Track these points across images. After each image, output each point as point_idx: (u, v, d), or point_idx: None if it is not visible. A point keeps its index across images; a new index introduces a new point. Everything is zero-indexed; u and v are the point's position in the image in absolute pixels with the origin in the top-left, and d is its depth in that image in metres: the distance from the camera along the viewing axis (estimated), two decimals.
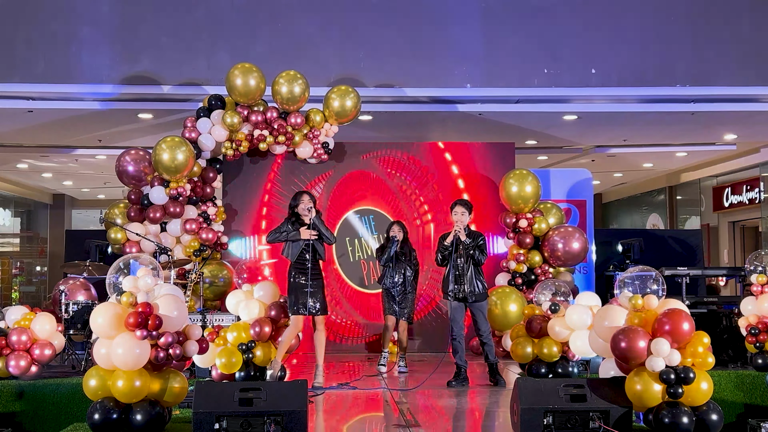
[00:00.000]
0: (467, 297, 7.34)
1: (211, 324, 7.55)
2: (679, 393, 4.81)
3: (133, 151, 9.53)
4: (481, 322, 7.41)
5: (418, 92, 10.09)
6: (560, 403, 4.89)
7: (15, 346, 6.85)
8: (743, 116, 10.90)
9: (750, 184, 14.26)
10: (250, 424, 4.76)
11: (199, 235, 9.45)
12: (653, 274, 5.32)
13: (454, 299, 7.38)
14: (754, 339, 7.06)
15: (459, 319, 7.40)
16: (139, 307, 4.88)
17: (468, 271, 7.36)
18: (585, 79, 10.07)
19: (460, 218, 7.39)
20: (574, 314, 6.89)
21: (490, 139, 11.19)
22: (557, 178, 10.86)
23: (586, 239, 9.76)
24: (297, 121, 9.44)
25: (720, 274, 11.61)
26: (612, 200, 19.97)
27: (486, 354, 7.43)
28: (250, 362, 6.95)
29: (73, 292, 8.93)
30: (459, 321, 7.40)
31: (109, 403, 4.89)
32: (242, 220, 10.12)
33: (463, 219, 7.40)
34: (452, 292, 7.36)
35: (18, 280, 17.68)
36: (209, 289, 9.31)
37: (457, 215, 7.41)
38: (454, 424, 6.01)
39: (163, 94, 9.96)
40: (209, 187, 9.73)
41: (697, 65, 10.11)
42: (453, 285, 7.35)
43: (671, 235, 14.00)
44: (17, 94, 9.90)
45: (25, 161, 14.39)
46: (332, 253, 10.09)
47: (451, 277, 7.36)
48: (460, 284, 7.34)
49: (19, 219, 18.54)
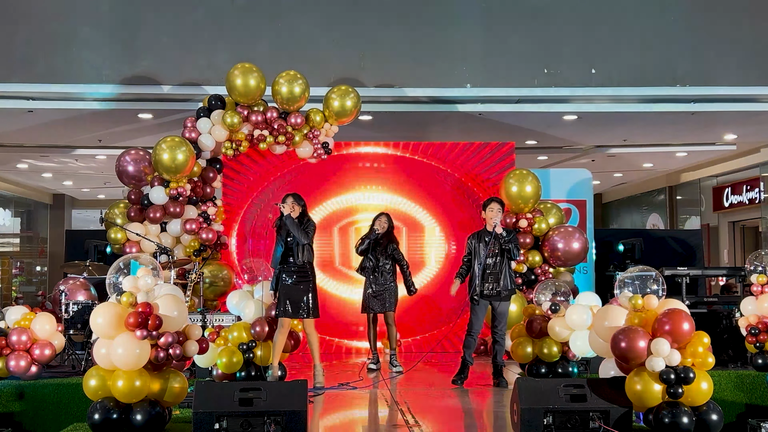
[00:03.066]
0: (499, 293, 7.31)
1: (211, 324, 7.55)
2: (679, 393, 4.82)
3: (133, 151, 9.53)
4: (502, 320, 7.39)
5: (418, 92, 10.09)
6: (560, 403, 4.89)
7: (15, 346, 6.85)
8: (743, 116, 10.89)
9: (750, 184, 14.26)
10: (250, 424, 4.76)
11: (199, 235, 9.45)
12: (653, 274, 5.33)
13: (482, 297, 7.35)
14: (754, 339, 7.07)
15: (482, 316, 7.40)
16: (139, 307, 4.89)
17: (504, 268, 7.36)
18: (585, 79, 10.06)
19: (496, 215, 7.41)
20: (574, 314, 6.89)
21: (490, 139, 11.19)
22: (557, 178, 10.86)
23: (586, 239, 9.76)
24: (297, 121, 9.44)
25: (720, 274, 11.62)
26: (612, 200, 19.97)
27: (495, 353, 7.42)
28: (251, 362, 6.96)
29: (73, 292, 8.92)
30: (481, 318, 7.40)
31: (109, 403, 4.89)
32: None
33: (498, 216, 7.42)
34: (479, 289, 7.31)
35: (18, 280, 17.69)
36: (209, 289, 9.31)
37: (493, 212, 7.42)
38: (454, 424, 6.02)
39: (163, 94, 9.96)
40: (209, 187, 9.73)
41: (697, 65, 10.11)
42: (482, 282, 7.31)
43: (671, 235, 14.00)
44: (17, 94, 9.90)
45: (25, 161, 14.39)
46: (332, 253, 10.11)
47: (480, 275, 7.33)
48: (491, 282, 7.31)
49: (19, 219, 18.54)
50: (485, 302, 7.36)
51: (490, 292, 7.32)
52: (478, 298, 7.32)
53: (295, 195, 7.34)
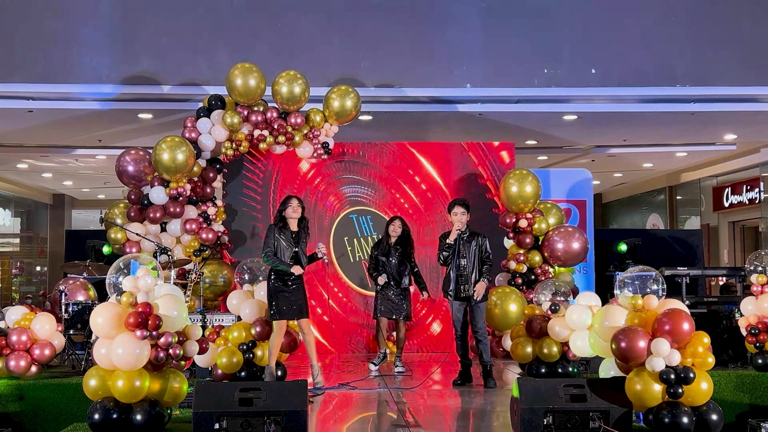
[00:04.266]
0: (471, 297, 7.34)
1: (211, 324, 7.54)
2: (679, 393, 4.82)
3: (133, 151, 9.53)
4: (479, 320, 7.41)
5: (418, 92, 10.09)
6: (560, 403, 4.89)
7: (15, 346, 6.85)
8: (743, 116, 10.89)
9: (750, 184, 14.26)
10: (250, 424, 4.76)
11: (199, 235, 9.45)
12: (653, 274, 5.33)
13: (456, 299, 7.38)
14: (754, 339, 7.06)
15: (462, 318, 7.42)
16: (139, 307, 4.89)
17: (473, 272, 7.36)
18: (585, 79, 10.06)
19: (460, 218, 7.39)
20: (574, 314, 6.89)
21: (490, 139, 11.19)
22: (557, 178, 10.87)
23: (586, 239, 9.76)
24: (297, 121, 9.44)
25: (720, 274, 11.62)
26: (612, 200, 19.97)
27: (480, 353, 7.43)
28: (251, 362, 6.96)
29: (73, 292, 8.92)
30: (462, 320, 7.42)
31: (109, 403, 4.89)
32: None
33: (462, 219, 7.39)
34: (452, 292, 7.36)
35: (18, 280, 17.69)
36: (209, 289, 9.31)
37: (457, 215, 7.40)
38: (454, 424, 6.02)
39: (163, 94, 9.96)
40: (209, 187, 9.73)
41: (697, 65, 10.11)
42: (455, 285, 7.35)
43: (671, 235, 14.00)
44: (17, 94, 9.90)
45: (25, 161, 14.39)
46: (331, 253, 10.10)
47: (453, 277, 7.35)
48: (463, 284, 7.33)
49: (19, 219, 18.54)
50: (462, 303, 7.40)
51: (467, 294, 7.33)
52: (452, 298, 7.36)
53: (298, 198, 7.39)
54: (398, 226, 8.47)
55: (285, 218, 7.25)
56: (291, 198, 7.35)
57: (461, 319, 7.42)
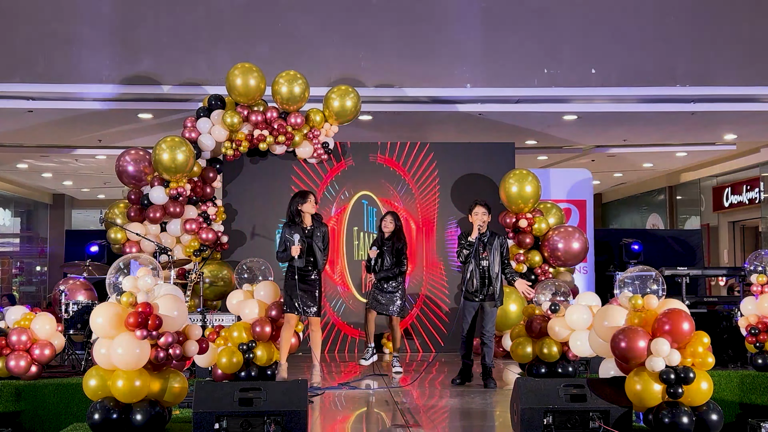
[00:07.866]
0: (492, 297, 7.32)
1: (211, 324, 7.55)
2: (679, 393, 4.81)
3: (133, 151, 9.53)
4: (489, 323, 7.39)
5: (418, 92, 10.10)
6: (560, 403, 4.89)
7: (15, 346, 6.85)
8: (743, 116, 10.90)
9: (750, 184, 14.26)
10: (250, 424, 4.76)
11: (199, 235, 9.45)
12: (653, 274, 5.32)
13: (475, 300, 7.36)
14: (754, 339, 7.06)
15: (471, 320, 7.41)
16: (139, 307, 4.88)
17: (497, 273, 7.35)
18: (585, 79, 10.07)
19: (482, 218, 7.34)
20: (574, 314, 6.88)
21: (490, 139, 11.19)
22: (557, 178, 10.87)
23: (586, 239, 9.76)
24: (297, 121, 9.44)
25: (720, 274, 11.62)
26: (612, 200, 19.97)
27: (484, 355, 7.41)
28: (251, 362, 6.95)
29: (73, 292, 8.92)
30: (471, 322, 7.41)
31: (109, 403, 4.89)
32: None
33: (484, 219, 7.36)
34: (475, 293, 7.32)
35: (18, 280, 17.69)
36: (209, 289, 9.31)
37: (478, 215, 7.34)
38: (454, 424, 6.01)
39: (163, 94, 9.96)
40: (209, 187, 9.73)
41: (697, 65, 10.12)
42: (478, 286, 7.30)
43: (671, 235, 14.00)
44: (17, 94, 9.91)
45: (25, 161, 14.40)
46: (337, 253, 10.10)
47: (477, 277, 7.31)
48: (486, 285, 7.31)
49: (19, 219, 18.54)
50: (475, 304, 7.37)
51: (488, 295, 7.33)
52: (470, 300, 7.35)
53: (314, 193, 7.66)
54: (390, 221, 8.42)
55: (300, 213, 7.35)
56: (309, 194, 7.54)
57: (470, 321, 7.40)
